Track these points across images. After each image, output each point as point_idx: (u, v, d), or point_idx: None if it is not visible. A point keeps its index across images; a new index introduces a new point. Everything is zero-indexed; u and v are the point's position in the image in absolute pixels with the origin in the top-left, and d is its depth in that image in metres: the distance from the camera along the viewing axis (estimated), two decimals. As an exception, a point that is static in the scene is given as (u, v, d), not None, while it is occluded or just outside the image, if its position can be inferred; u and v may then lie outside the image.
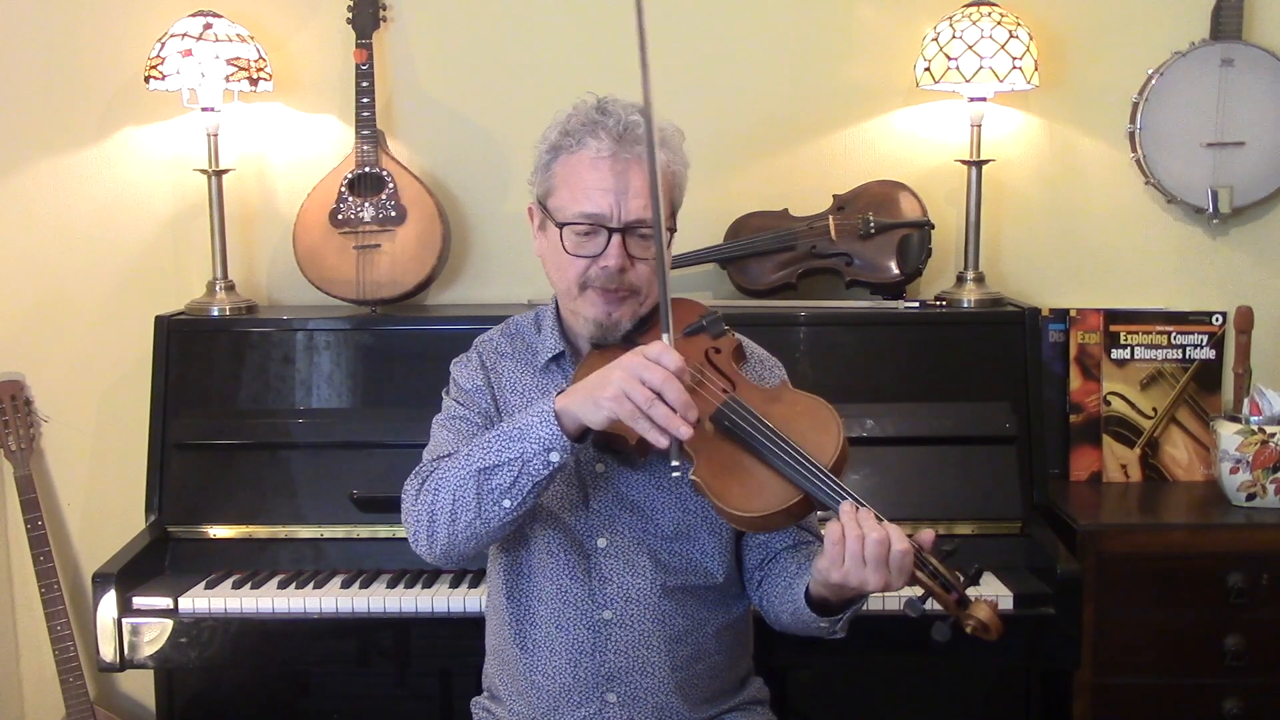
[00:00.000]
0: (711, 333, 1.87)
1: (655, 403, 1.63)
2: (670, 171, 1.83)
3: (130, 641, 2.40)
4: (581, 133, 1.80)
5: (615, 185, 1.78)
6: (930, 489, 2.55)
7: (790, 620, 1.84)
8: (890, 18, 2.90)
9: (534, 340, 1.96)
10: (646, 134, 1.74)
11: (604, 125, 1.79)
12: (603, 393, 1.65)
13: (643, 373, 1.63)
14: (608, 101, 1.84)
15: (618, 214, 1.78)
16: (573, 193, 1.80)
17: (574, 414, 1.69)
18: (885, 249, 2.79)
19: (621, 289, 1.82)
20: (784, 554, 1.90)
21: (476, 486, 1.73)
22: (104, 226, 2.98)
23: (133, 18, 2.89)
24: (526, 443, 1.71)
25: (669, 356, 1.65)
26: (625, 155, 1.78)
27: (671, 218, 1.86)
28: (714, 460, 1.74)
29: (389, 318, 2.76)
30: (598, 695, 1.88)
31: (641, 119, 1.77)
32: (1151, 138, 2.85)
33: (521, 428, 1.72)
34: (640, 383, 1.63)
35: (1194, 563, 2.49)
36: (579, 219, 1.80)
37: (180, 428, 2.64)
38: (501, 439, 1.73)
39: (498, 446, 1.73)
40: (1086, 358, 2.86)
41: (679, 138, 1.87)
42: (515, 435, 1.72)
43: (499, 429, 1.77)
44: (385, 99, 2.91)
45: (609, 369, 1.67)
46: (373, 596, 2.40)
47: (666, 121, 1.85)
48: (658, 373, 1.63)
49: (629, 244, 1.80)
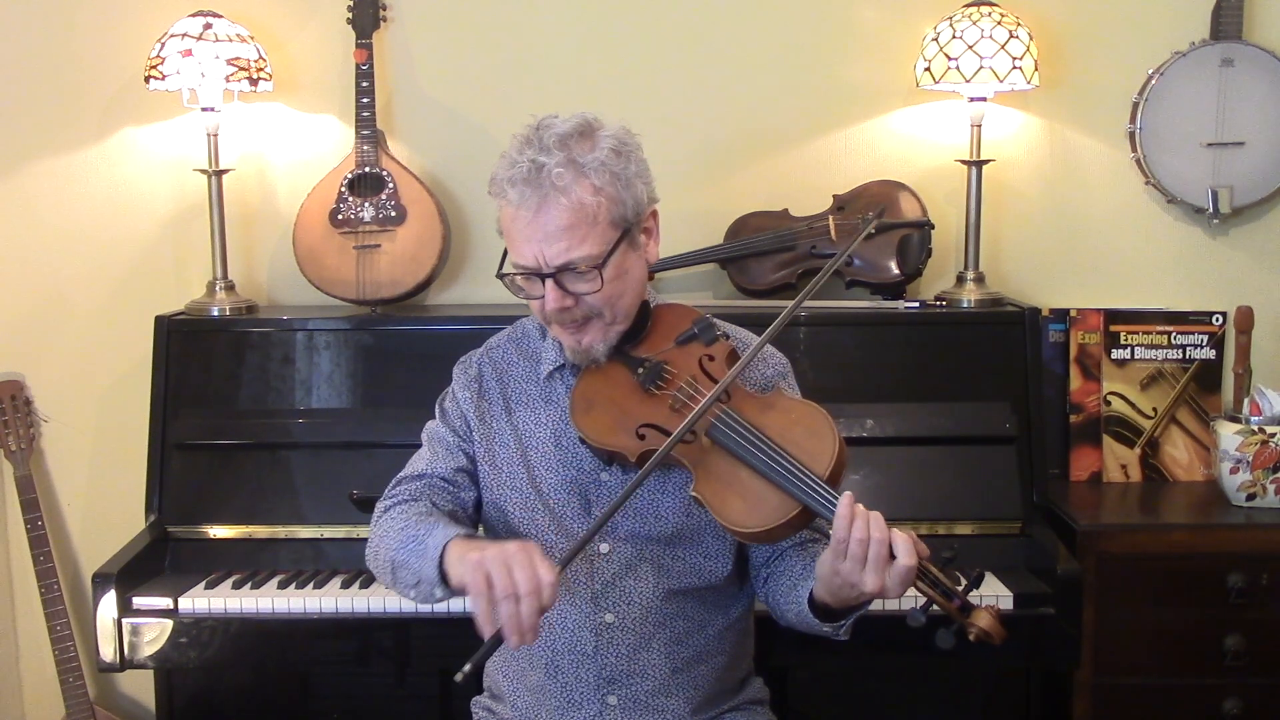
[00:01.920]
0: (704, 339, 1.86)
1: (509, 600, 1.59)
2: (587, 204, 1.74)
3: (130, 641, 2.40)
4: (503, 183, 1.77)
5: (533, 234, 1.74)
6: (930, 489, 2.55)
7: (795, 620, 1.85)
8: (890, 18, 2.90)
9: (539, 347, 1.97)
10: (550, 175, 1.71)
11: (517, 170, 1.74)
12: (471, 557, 1.63)
13: (516, 570, 1.59)
14: (537, 130, 1.77)
15: (542, 260, 1.75)
16: (510, 242, 1.80)
17: (449, 561, 1.69)
18: (885, 249, 2.79)
19: (574, 319, 1.81)
20: (790, 552, 1.90)
21: (391, 570, 1.79)
22: (104, 226, 2.98)
23: (133, 18, 2.89)
24: (423, 563, 1.73)
25: (548, 583, 1.60)
26: (535, 200, 1.73)
27: (615, 242, 1.77)
28: (712, 475, 1.75)
29: (389, 318, 2.76)
30: (599, 698, 1.88)
31: (551, 157, 1.72)
32: (1151, 138, 2.85)
33: (425, 545, 1.73)
34: (509, 574, 1.59)
35: (1194, 563, 2.49)
36: (515, 269, 1.80)
37: (180, 428, 2.64)
38: (413, 541, 1.75)
39: (408, 548, 1.76)
40: (1086, 358, 2.86)
41: (608, 157, 1.76)
42: (419, 549, 1.74)
43: (419, 527, 1.77)
44: (385, 99, 2.91)
45: (498, 544, 1.64)
46: (373, 596, 2.40)
47: (609, 133, 1.79)
48: (528, 581, 1.59)
49: (567, 282, 1.77)
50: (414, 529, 1.78)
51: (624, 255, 1.80)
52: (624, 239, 1.79)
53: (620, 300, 1.81)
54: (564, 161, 1.73)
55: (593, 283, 1.77)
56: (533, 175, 1.73)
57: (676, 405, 1.80)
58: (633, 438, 1.79)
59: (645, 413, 1.81)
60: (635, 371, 1.84)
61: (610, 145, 1.78)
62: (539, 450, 1.90)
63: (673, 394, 1.81)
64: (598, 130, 1.79)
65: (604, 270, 1.76)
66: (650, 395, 1.83)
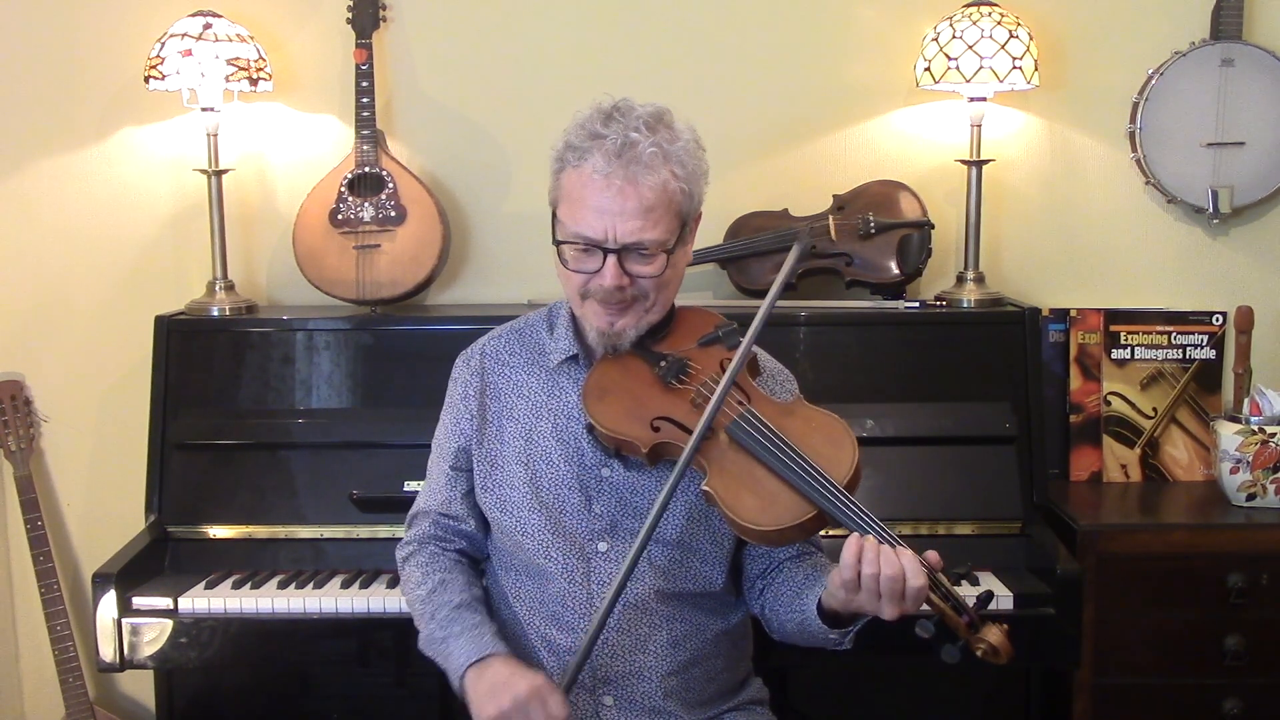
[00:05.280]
0: (726, 344, 1.87)
1: None
2: (670, 189, 1.77)
3: (130, 641, 2.40)
4: (582, 148, 1.77)
5: (611, 206, 1.74)
6: (930, 489, 2.54)
7: (795, 630, 1.84)
8: (890, 18, 2.90)
9: (545, 341, 1.96)
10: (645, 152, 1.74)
11: (604, 141, 1.75)
12: (488, 706, 1.72)
13: (534, 714, 1.70)
14: (618, 108, 1.79)
15: (613, 235, 1.75)
16: (572, 210, 1.78)
17: (467, 692, 1.78)
18: (885, 249, 2.79)
19: (623, 300, 1.81)
20: (788, 564, 1.90)
21: (422, 638, 1.90)
22: (104, 226, 2.98)
23: (133, 18, 2.89)
24: (446, 666, 1.83)
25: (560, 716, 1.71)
26: (622, 175, 1.74)
27: (678, 233, 1.81)
28: (727, 472, 1.74)
29: (389, 318, 2.76)
30: (594, 698, 1.88)
31: (644, 134, 1.74)
32: (1151, 138, 2.85)
33: (447, 653, 1.83)
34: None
35: (1194, 563, 2.49)
36: (575, 239, 1.78)
37: (180, 428, 2.64)
38: (435, 642, 1.87)
39: (434, 642, 1.86)
40: (1086, 358, 2.86)
41: (691, 148, 1.80)
42: (442, 650, 1.85)
43: (438, 626, 1.87)
44: (385, 99, 2.91)
45: (512, 687, 1.72)
46: (373, 596, 2.40)
47: (685, 126, 1.81)
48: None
49: (627, 262, 1.77)
50: (434, 621, 1.87)
51: (681, 245, 1.82)
52: (683, 230, 1.82)
53: (667, 289, 1.83)
54: (655, 143, 1.74)
55: (655, 265, 1.78)
56: (625, 149, 1.73)
57: (698, 400, 1.80)
58: (647, 429, 1.79)
59: (663, 405, 1.81)
60: (656, 365, 1.84)
61: (691, 137, 1.81)
62: (539, 445, 1.90)
63: (695, 389, 1.81)
64: (675, 122, 1.81)
65: (672, 255, 1.78)
66: (670, 390, 1.83)
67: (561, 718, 1.70)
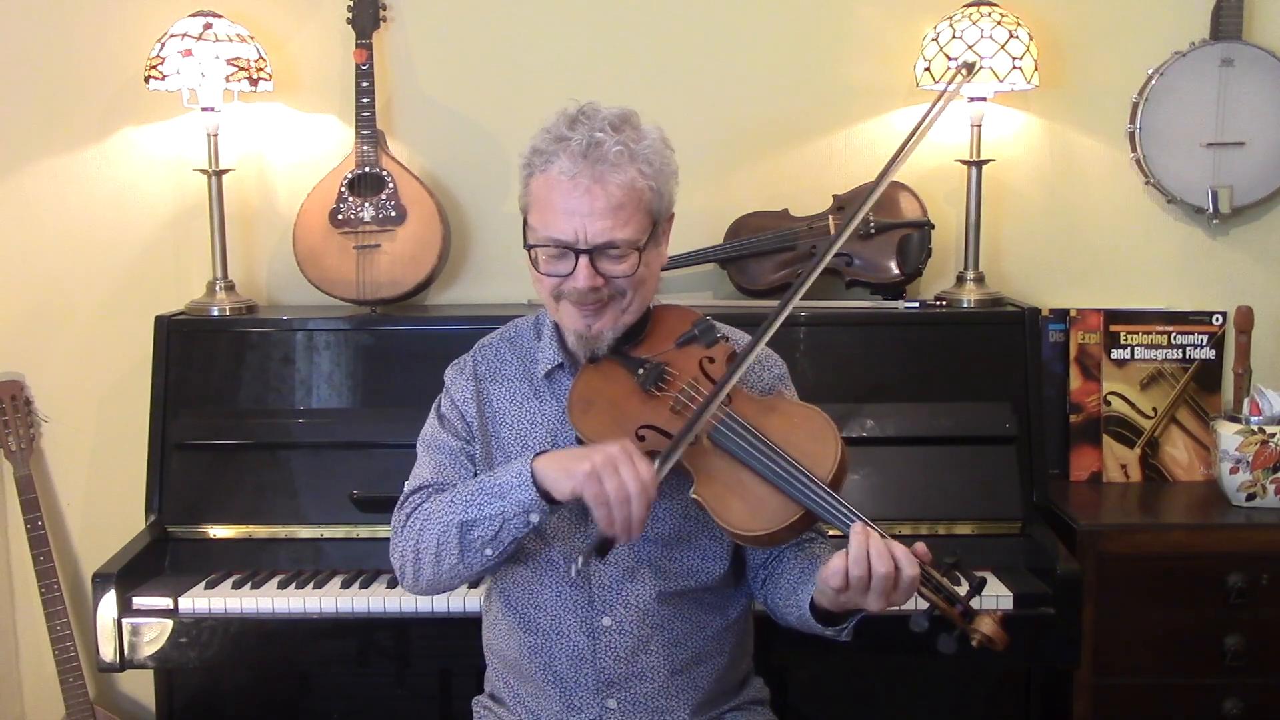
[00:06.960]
0: (704, 341, 1.86)
1: (624, 503, 1.65)
2: (639, 187, 1.76)
3: (130, 641, 2.40)
4: (549, 152, 1.77)
5: (579, 207, 1.74)
6: (930, 489, 2.54)
7: (797, 623, 1.85)
8: (890, 18, 2.90)
9: (534, 347, 1.96)
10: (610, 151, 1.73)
11: (570, 143, 1.75)
12: (578, 466, 1.67)
13: (624, 469, 1.65)
14: (584, 112, 1.79)
15: (583, 236, 1.75)
16: (542, 214, 1.79)
17: (546, 480, 1.72)
18: (885, 249, 2.79)
19: (598, 300, 1.81)
20: (788, 552, 1.90)
21: (459, 536, 1.78)
22: (104, 226, 2.98)
23: (133, 18, 2.89)
24: (506, 502, 1.75)
25: (651, 481, 1.67)
26: (589, 175, 1.74)
27: (650, 231, 1.80)
28: (713, 478, 1.75)
29: (389, 318, 2.76)
30: (598, 701, 1.88)
31: (609, 134, 1.74)
32: (1151, 138, 2.85)
33: (502, 485, 1.76)
34: (618, 475, 1.65)
35: (1194, 563, 2.49)
36: (546, 242, 1.79)
37: (180, 428, 2.64)
38: (483, 494, 1.77)
39: (479, 501, 1.77)
40: (1086, 358, 2.86)
41: (658, 146, 1.80)
42: (496, 492, 1.76)
43: (481, 482, 1.79)
44: (385, 99, 2.91)
45: (592, 450, 1.68)
46: (373, 596, 2.40)
47: (651, 126, 1.81)
48: (635, 481, 1.65)
49: (599, 262, 1.77)
50: (472, 488, 1.80)
51: (654, 245, 1.82)
52: (654, 230, 1.81)
53: (643, 288, 1.83)
54: (621, 142, 1.74)
55: (628, 264, 1.77)
56: (591, 149, 1.74)
57: (677, 407, 1.80)
58: (633, 439, 1.79)
59: (646, 414, 1.81)
60: (635, 373, 1.84)
61: (657, 136, 1.81)
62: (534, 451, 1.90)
63: (674, 395, 1.81)
64: (641, 123, 1.81)
65: (644, 253, 1.78)
66: (651, 397, 1.82)
67: (649, 480, 1.66)
